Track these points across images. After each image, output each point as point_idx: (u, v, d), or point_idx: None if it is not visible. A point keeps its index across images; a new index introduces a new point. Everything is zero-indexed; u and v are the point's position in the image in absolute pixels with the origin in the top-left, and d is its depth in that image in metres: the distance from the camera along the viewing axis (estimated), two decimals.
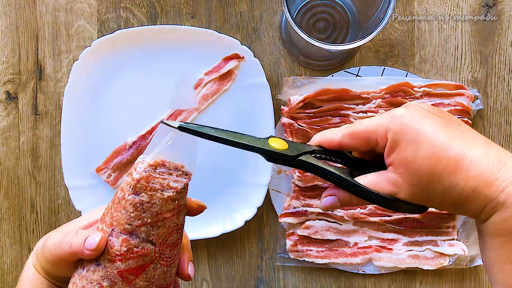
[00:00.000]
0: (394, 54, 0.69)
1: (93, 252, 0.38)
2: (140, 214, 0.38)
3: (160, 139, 0.39)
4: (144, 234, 0.38)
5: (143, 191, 0.38)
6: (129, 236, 0.38)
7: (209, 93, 0.68)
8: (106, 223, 0.39)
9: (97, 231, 0.39)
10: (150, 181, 0.38)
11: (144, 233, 0.38)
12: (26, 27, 0.70)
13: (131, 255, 0.38)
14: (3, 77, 0.70)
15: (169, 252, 0.40)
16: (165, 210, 0.38)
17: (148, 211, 0.38)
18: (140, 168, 0.38)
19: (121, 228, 0.38)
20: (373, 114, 0.67)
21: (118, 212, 0.38)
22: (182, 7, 0.70)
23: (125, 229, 0.38)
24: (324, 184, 0.67)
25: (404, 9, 0.69)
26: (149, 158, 0.39)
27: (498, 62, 0.69)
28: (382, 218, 0.67)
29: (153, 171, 0.38)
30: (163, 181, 0.38)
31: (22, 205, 0.71)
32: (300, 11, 0.68)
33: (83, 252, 0.38)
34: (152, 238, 0.38)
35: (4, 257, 0.71)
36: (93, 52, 0.66)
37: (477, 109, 0.68)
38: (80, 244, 0.38)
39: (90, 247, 0.38)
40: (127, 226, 0.38)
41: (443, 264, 0.67)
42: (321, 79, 0.67)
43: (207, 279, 0.70)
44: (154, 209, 0.38)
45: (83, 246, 0.38)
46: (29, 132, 0.70)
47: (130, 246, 0.38)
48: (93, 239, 0.38)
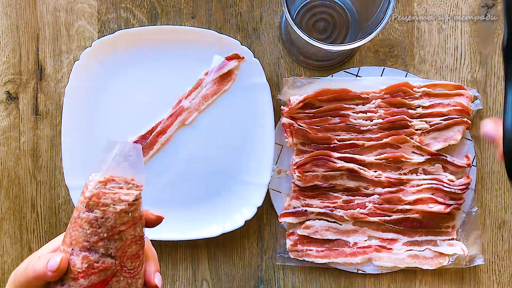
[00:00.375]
0: (394, 54, 0.69)
1: (56, 273, 0.39)
2: (96, 230, 0.39)
3: (107, 156, 0.40)
4: (103, 249, 0.39)
5: (95, 207, 0.39)
6: (88, 252, 0.39)
7: (209, 93, 0.68)
8: (67, 243, 0.40)
9: (59, 253, 0.40)
10: (101, 197, 0.39)
11: (103, 248, 0.39)
12: (26, 27, 0.70)
13: (92, 271, 0.39)
14: (3, 77, 0.70)
15: (131, 264, 0.41)
16: (119, 223, 0.39)
17: (103, 226, 0.39)
18: (91, 186, 0.40)
19: (80, 246, 0.39)
20: (373, 114, 0.67)
21: (76, 231, 0.40)
22: (182, 8, 0.70)
23: (83, 246, 0.39)
24: (324, 184, 0.67)
25: (403, 9, 0.69)
26: (98, 175, 0.40)
27: (497, 62, 0.69)
28: (381, 218, 0.67)
29: (103, 187, 0.40)
30: (114, 196, 0.39)
31: (23, 205, 0.71)
32: (300, 11, 0.68)
33: (46, 274, 0.39)
34: (111, 252, 0.40)
35: (5, 257, 0.71)
36: (93, 53, 0.67)
37: (477, 109, 0.68)
38: (43, 267, 0.39)
39: (52, 269, 0.39)
40: (85, 243, 0.39)
41: (442, 264, 0.67)
42: (321, 79, 0.67)
43: (207, 278, 0.70)
44: (109, 224, 0.39)
45: (46, 269, 0.39)
46: (30, 132, 0.71)
47: (90, 262, 0.39)
48: (55, 260, 0.39)
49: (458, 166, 0.67)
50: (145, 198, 0.71)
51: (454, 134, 0.67)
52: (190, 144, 0.69)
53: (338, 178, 0.67)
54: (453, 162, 0.67)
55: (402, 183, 0.67)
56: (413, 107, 0.67)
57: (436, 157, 0.67)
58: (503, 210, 0.69)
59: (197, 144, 0.69)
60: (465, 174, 0.67)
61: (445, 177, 0.67)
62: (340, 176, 0.67)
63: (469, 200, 0.68)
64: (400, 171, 0.67)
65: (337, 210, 0.67)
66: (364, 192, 0.67)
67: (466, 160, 0.68)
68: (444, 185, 0.66)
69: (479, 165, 0.69)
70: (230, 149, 0.68)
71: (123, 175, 0.41)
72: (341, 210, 0.67)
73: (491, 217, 0.69)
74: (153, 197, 0.68)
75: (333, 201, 0.67)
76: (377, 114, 0.67)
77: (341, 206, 0.67)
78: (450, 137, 0.67)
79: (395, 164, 0.67)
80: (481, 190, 0.69)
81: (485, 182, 0.69)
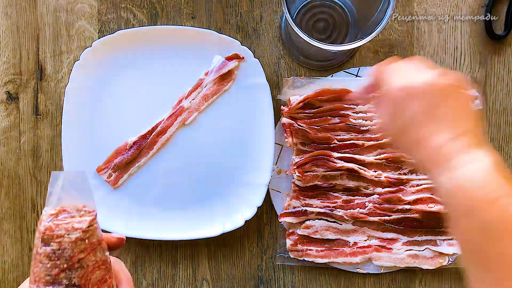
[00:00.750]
0: (394, 54, 0.69)
1: None
2: (55, 263, 0.39)
3: (54, 188, 0.41)
4: (66, 280, 0.39)
5: (51, 241, 0.39)
6: (52, 286, 0.39)
7: (209, 93, 0.68)
8: (31, 281, 0.40)
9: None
10: (55, 229, 0.39)
11: (65, 278, 0.39)
12: (27, 27, 0.70)
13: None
14: (4, 77, 0.70)
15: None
16: (77, 251, 0.40)
17: (61, 257, 0.39)
18: (44, 220, 0.40)
19: (43, 281, 0.40)
20: (373, 115, 0.67)
21: (37, 267, 0.40)
22: (182, 8, 0.70)
23: (47, 281, 0.39)
24: (324, 184, 0.67)
25: (403, 9, 0.69)
26: (48, 209, 0.40)
27: (497, 63, 0.69)
28: (381, 217, 0.67)
29: (55, 219, 0.40)
30: (67, 225, 0.40)
31: (23, 205, 0.71)
32: (300, 12, 0.68)
33: None
34: (74, 281, 0.40)
35: (5, 257, 0.71)
36: (93, 53, 0.67)
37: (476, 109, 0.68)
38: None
39: None
40: (48, 278, 0.39)
41: (442, 263, 0.67)
42: (321, 79, 0.67)
43: (207, 278, 0.70)
44: (67, 254, 0.39)
45: None
46: (30, 132, 0.71)
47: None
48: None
49: None
50: (146, 198, 0.71)
51: None
52: (190, 144, 0.69)
53: (338, 178, 0.67)
54: None
55: (402, 183, 0.67)
56: None
57: None
58: None
59: (197, 144, 0.69)
60: None
61: None
62: (340, 176, 0.67)
63: None
64: (400, 171, 0.67)
65: (337, 210, 0.67)
66: (364, 192, 0.68)
67: None
68: None
69: None
70: (230, 149, 0.68)
71: (73, 204, 0.41)
72: (341, 210, 0.67)
73: None
74: (153, 197, 0.68)
75: (333, 201, 0.67)
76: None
77: (341, 206, 0.67)
78: None
79: (395, 164, 0.67)
80: None
81: None
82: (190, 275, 0.70)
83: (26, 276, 0.70)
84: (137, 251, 0.70)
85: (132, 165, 0.69)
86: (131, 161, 0.68)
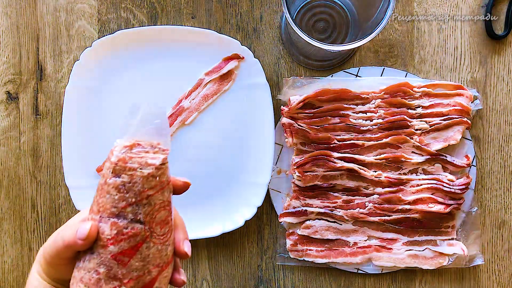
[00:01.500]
0: (394, 54, 0.69)
1: (86, 241, 0.38)
2: (123, 195, 0.38)
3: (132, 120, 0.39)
4: (131, 214, 0.38)
5: (122, 172, 0.38)
6: (117, 219, 0.38)
7: (209, 93, 0.68)
8: (94, 211, 0.39)
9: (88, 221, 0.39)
10: (128, 161, 0.38)
11: (131, 213, 0.38)
12: (27, 27, 0.70)
13: (122, 237, 0.38)
14: (4, 77, 0.70)
15: (160, 229, 0.40)
16: (147, 188, 0.38)
17: (131, 191, 0.38)
18: (117, 151, 0.39)
19: (108, 212, 0.38)
20: (373, 114, 0.67)
21: (103, 198, 0.39)
22: (182, 8, 0.70)
23: (112, 212, 0.38)
24: (324, 184, 0.67)
25: (403, 9, 0.69)
26: (123, 140, 0.39)
27: (497, 62, 0.69)
28: (381, 218, 0.67)
29: (129, 151, 0.38)
30: (140, 160, 0.38)
31: (23, 205, 0.71)
32: (300, 11, 0.68)
33: (76, 243, 0.38)
34: (140, 217, 0.38)
35: (5, 257, 0.71)
36: (93, 53, 0.67)
37: (477, 109, 0.68)
38: (72, 236, 0.38)
39: (81, 237, 0.38)
40: (114, 209, 0.38)
41: (442, 263, 0.67)
42: (321, 79, 0.67)
43: (207, 278, 0.70)
44: (137, 188, 0.38)
45: (76, 238, 0.38)
46: (30, 132, 0.71)
47: (119, 229, 0.38)
48: (84, 228, 0.38)
49: (458, 166, 0.67)
50: None
51: (454, 134, 0.67)
52: (190, 144, 0.69)
53: (338, 178, 0.67)
54: (453, 162, 0.67)
55: (402, 183, 0.67)
56: (413, 107, 0.67)
57: (436, 157, 0.67)
58: (503, 210, 0.69)
59: (197, 144, 0.69)
60: (465, 174, 0.67)
61: (445, 177, 0.67)
62: (340, 176, 0.67)
63: (469, 200, 0.68)
64: (400, 171, 0.67)
65: (337, 210, 0.67)
66: (364, 192, 0.68)
67: (466, 160, 0.68)
68: (444, 185, 0.66)
69: (479, 165, 0.69)
70: (230, 149, 0.68)
71: (148, 139, 0.39)
72: (341, 210, 0.67)
73: (491, 217, 0.69)
74: None
75: (333, 201, 0.67)
76: (377, 114, 0.67)
77: (341, 206, 0.67)
78: (450, 137, 0.67)
79: (395, 164, 0.67)
80: (481, 190, 0.69)
81: (485, 182, 0.69)
82: (190, 275, 0.70)
83: (26, 276, 0.70)
84: None
85: None
86: None
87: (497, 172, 0.69)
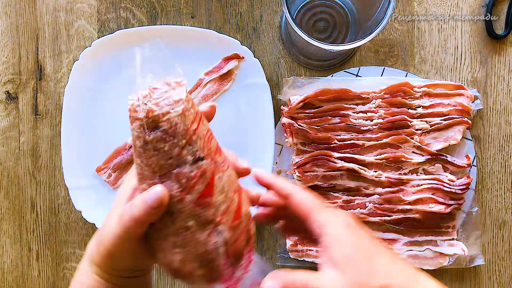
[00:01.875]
0: (394, 54, 0.69)
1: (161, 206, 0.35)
2: (172, 142, 0.35)
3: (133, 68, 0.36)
4: (190, 156, 0.36)
5: (158, 123, 0.35)
6: (178, 168, 0.36)
7: (209, 93, 0.68)
8: (147, 176, 0.37)
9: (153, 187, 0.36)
10: (156, 109, 0.35)
11: (189, 155, 0.36)
12: (26, 27, 0.70)
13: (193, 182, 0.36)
14: (3, 77, 0.70)
15: (219, 156, 0.39)
16: (189, 123, 0.36)
17: (176, 134, 0.35)
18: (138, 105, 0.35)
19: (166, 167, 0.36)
20: (373, 114, 0.67)
21: (152, 158, 0.36)
22: (182, 7, 0.70)
23: (170, 164, 0.36)
24: (324, 184, 0.67)
25: (404, 9, 0.69)
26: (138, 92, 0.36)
27: (497, 62, 0.69)
28: (382, 218, 0.67)
29: (150, 99, 0.35)
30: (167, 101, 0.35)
31: (22, 205, 0.71)
32: (300, 11, 0.68)
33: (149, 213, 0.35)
34: (199, 154, 0.36)
35: (4, 257, 0.71)
36: (93, 52, 0.67)
37: (477, 109, 0.68)
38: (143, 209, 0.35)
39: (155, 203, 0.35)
40: (170, 161, 0.36)
41: (442, 264, 0.67)
42: (321, 79, 0.67)
43: None
44: (180, 129, 0.35)
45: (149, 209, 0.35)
46: (29, 132, 0.70)
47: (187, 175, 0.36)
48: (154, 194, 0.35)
49: (458, 166, 0.67)
50: None
51: (455, 134, 0.67)
52: None
53: (338, 178, 0.67)
54: (454, 162, 0.67)
55: (402, 183, 0.67)
56: (413, 107, 0.67)
57: (436, 157, 0.67)
58: (503, 210, 0.69)
59: None
60: (465, 174, 0.67)
61: (445, 177, 0.67)
62: (340, 176, 0.67)
63: (470, 200, 0.68)
64: (400, 171, 0.67)
65: None
66: (364, 192, 0.67)
67: (466, 160, 0.67)
68: (445, 185, 0.66)
69: (480, 165, 0.69)
70: (230, 149, 0.68)
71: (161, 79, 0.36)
72: (341, 210, 0.67)
73: (491, 217, 0.69)
74: None
75: (333, 201, 0.67)
76: (377, 114, 0.67)
77: (341, 206, 0.67)
78: (451, 137, 0.67)
79: (395, 164, 0.67)
80: (481, 190, 0.69)
81: (485, 182, 0.69)
82: None
83: (26, 276, 0.70)
84: None
85: (131, 165, 0.68)
86: (131, 161, 0.68)
87: (497, 172, 0.69)
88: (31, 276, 0.70)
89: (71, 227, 0.70)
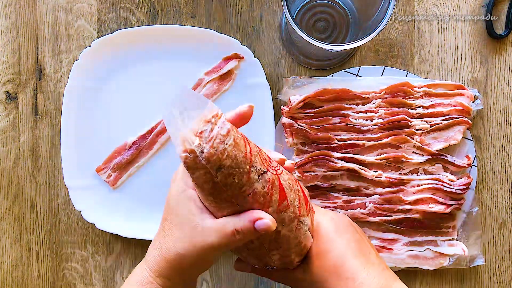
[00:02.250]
0: (394, 54, 0.69)
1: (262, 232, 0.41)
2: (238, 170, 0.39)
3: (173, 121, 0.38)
4: (256, 175, 0.40)
5: (219, 162, 0.38)
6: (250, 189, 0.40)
7: (209, 93, 0.68)
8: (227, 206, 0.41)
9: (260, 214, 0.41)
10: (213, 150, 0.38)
11: (255, 174, 0.40)
12: (26, 27, 0.70)
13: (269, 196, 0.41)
14: (3, 77, 0.70)
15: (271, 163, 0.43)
16: (243, 148, 0.39)
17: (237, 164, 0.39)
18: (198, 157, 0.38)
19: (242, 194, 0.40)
20: (373, 114, 0.67)
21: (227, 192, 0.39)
22: (182, 7, 0.70)
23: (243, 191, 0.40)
24: (324, 184, 0.67)
25: (404, 9, 0.69)
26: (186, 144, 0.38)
27: (498, 62, 0.69)
28: (382, 218, 0.67)
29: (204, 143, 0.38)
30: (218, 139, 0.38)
31: (22, 205, 0.71)
32: (300, 11, 0.68)
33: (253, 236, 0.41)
34: (261, 169, 0.40)
35: (4, 257, 0.71)
36: (93, 52, 0.66)
37: (477, 109, 0.68)
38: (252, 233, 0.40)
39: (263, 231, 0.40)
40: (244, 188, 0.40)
41: (443, 264, 0.67)
42: (321, 79, 0.67)
43: (207, 279, 0.70)
44: (240, 158, 0.39)
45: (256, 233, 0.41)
46: (29, 132, 0.70)
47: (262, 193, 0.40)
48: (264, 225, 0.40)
49: (458, 166, 0.67)
50: (145, 199, 0.71)
51: (455, 134, 0.67)
52: None
53: (338, 178, 0.67)
54: (454, 162, 0.67)
55: (403, 183, 0.67)
56: (413, 107, 0.67)
57: (436, 157, 0.67)
58: (503, 210, 0.69)
59: None
60: (465, 174, 0.67)
61: (445, 177, 0.67)
62: (340, 176, 0.67)
63: (470, 200, 0.68)
64: (400, 171, 0.67)
65: (337, 210, 0.67)
66: (365, 192, 0.67)
67: (466, 160, 0.67)
68: (445, 185, 0.66)
69: (480, 165, 0.69)
70: None
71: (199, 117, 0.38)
72: (341, 210, 0.67)
73: (491, 217, 0.69)
74: (153, 197, 0.68)
75: (333, 201, 0.67)
76: (377, 114, 0.67)
77: (342, 206, 0.67)
78: (451, 137, 0.67)
79: (396, 164, 0.67)
80: (481, 190, 0.69)
81: (485, 182, 0.69)
82: None
83: (26, 276, 0.70)
84: (137, 251, 0.70)
85: (131, 165, 0.68)
86: (131, 161, 0.68)
87: (498, 172, 0.69)
88: (31, 276, 0.70)
89: (71, 227, 0.70)
